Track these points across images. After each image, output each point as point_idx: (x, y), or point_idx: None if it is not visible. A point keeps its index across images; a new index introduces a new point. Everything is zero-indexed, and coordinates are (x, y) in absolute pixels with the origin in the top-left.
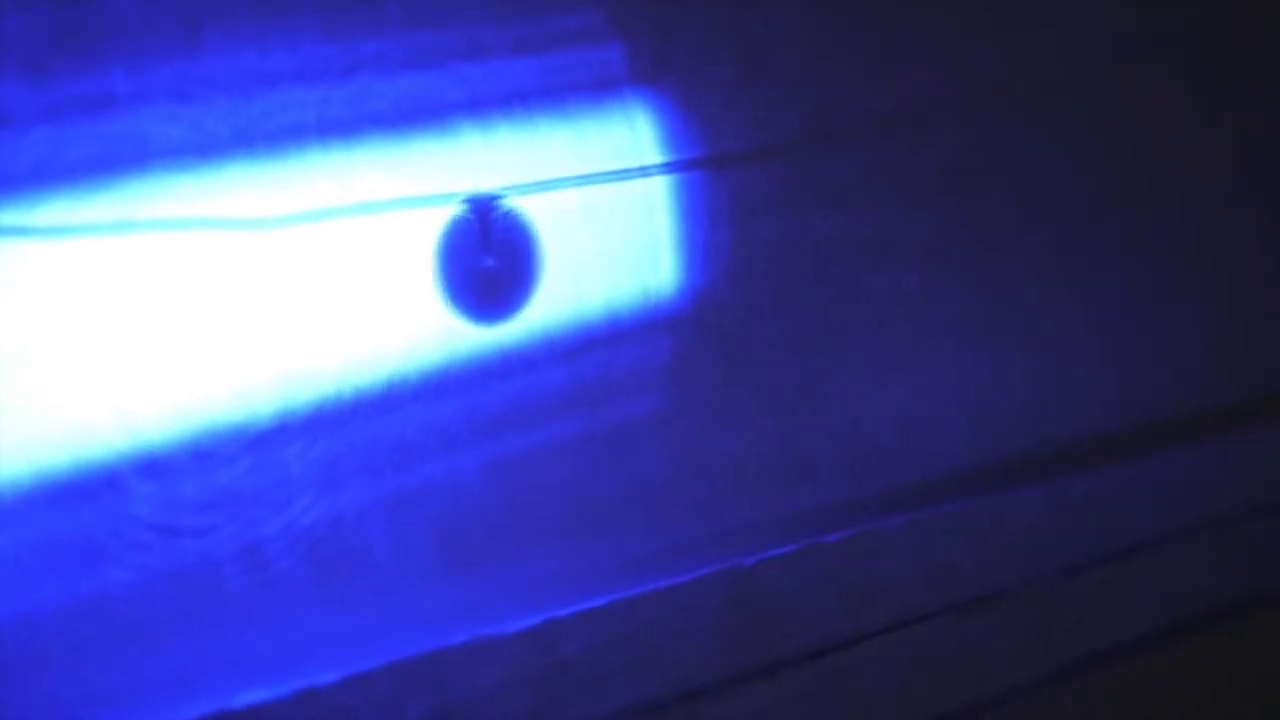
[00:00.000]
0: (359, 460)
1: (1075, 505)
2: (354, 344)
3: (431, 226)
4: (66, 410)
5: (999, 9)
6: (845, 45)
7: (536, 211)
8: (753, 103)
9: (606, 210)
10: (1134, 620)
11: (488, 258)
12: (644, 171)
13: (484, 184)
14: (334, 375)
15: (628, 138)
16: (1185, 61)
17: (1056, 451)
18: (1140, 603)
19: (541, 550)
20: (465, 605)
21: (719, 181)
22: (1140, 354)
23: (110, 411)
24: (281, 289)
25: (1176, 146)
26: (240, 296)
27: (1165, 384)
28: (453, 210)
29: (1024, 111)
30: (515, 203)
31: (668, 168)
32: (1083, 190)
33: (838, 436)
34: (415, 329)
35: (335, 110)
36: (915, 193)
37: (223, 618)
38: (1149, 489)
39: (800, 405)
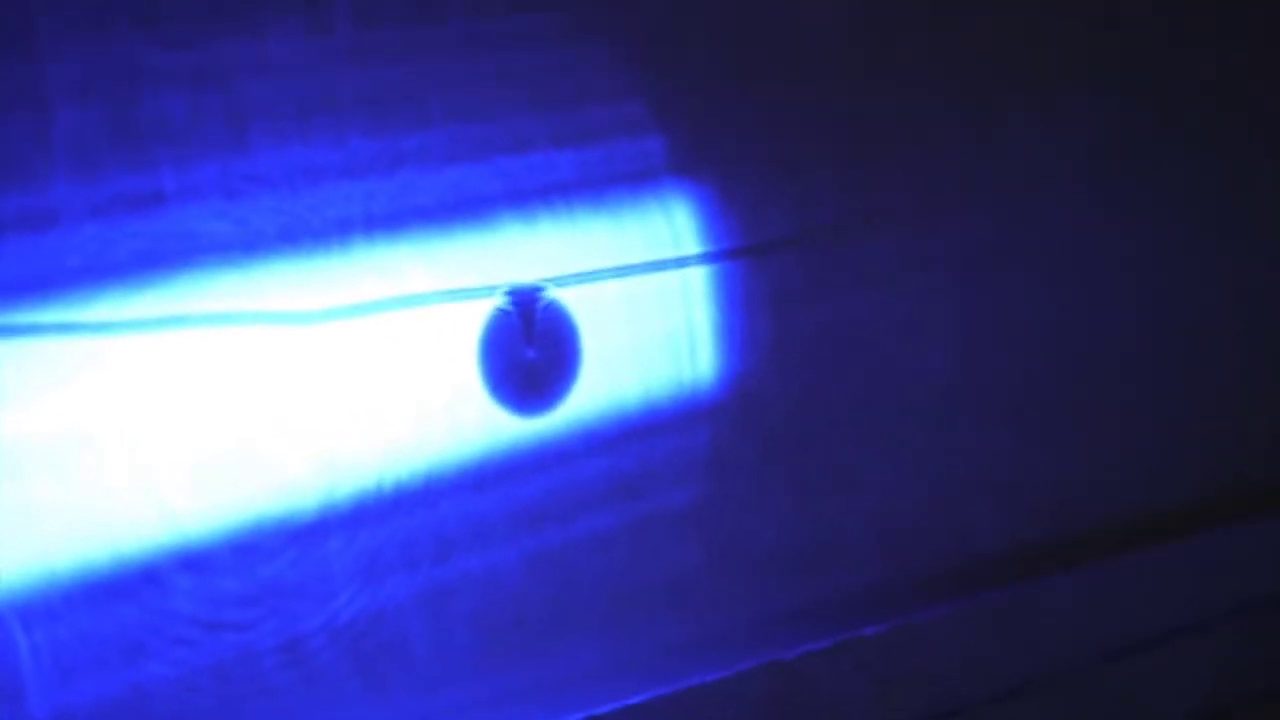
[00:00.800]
0: (399, 553)
1: (1109, 590)
2: (395, 437)
3: (474, 319)
4: (108, 505)
5: (1033, 93)
6: (879, 134)
7: (576, 303)
8: (789, 192)
9: (645, 300)
10: (1172, 708)
11: (529, 349)
12: (682, 262)
13: (525, 276)
14: (375, 468)
15: (666, 228)
16: (1202, 146)
17: (1089, 534)
18: (1178, 690)
19: (580, 642)
20: (504, 698)
21: (756, 270)
22: (1172, 435)
23: (152, 506)
24: (325, 383)
25: (1196, 228)
26: (284, 390)
27: (1198, 466)
28: (495, 302)
29: (1052, 195)
30: (556, 294)
31: (706, 258)
32: (1109, 273)
33: (870, 520)
34: (456, 421)
35: (380, 204)
36: (946, 275)
37: (264, 712)
38: (1185, 572)
39: (833, 490)
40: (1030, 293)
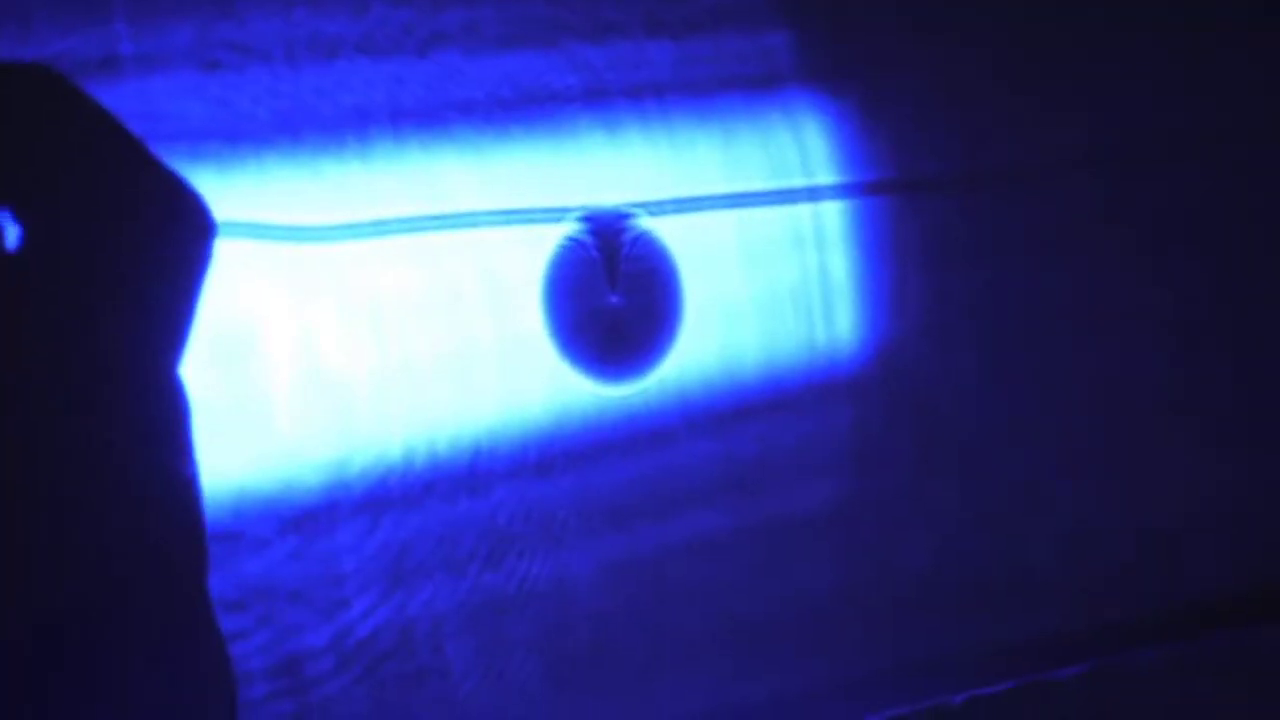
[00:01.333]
0: (434, 552)
1: None
2: (431, 398)
3: (539, 251)
4: None
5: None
6: (1075, 57)
7: (676, 237)
8: (955, 119)
9: (766, 239)
10: None
11: (612, 294)
12: (814, 193)
13: (608, 198)
14: (403, 437)
15: (794, 149)
16: None
17: None
18: None
19: (676, 680)
20: None
21: (910, 212)
22: None
23: None
24: (337, 321)
25: None
26: (281, 328)
27: None
28: (567, 230)
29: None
30: (648, 224)
31: (845, 190)
32: None
33: (1061, 548)
34: (514, 383)
35: (412, 94)
36: (1152, 242)
37: None
38: None
39: (1015, 506)
40: (1269, 265)
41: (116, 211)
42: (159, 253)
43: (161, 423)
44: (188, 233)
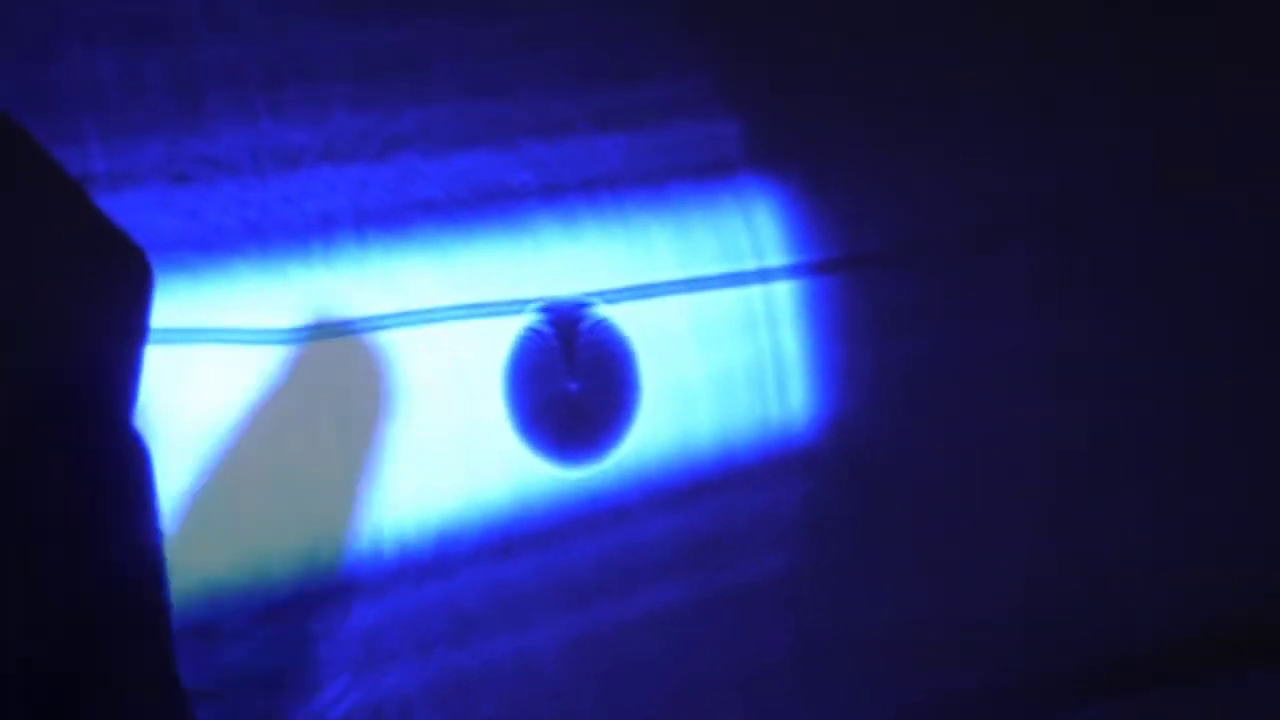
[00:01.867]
0: (404, 635)
1: None
2: (398, 487)
3: (499, 341)
4: None
5: (1194, 88)
6: (1008, 125)
7: (632, 324)
8: (897, 195)
9: (719, 322)
10: None
11: (570, 380)
12: (765, 275)
13: (565, 289)
14: (372, 527)
15: (744, 234)
16: None
17: None
18: None
19: None
20: None
21: (855, 288)
22: None
23: None
24: (305, 416)
25: None
26: (253, 427)
27: None
28: (526, 321)
29: (1218, 196)
30: (604, 312)
31: (793, 271)
32: None
33: (1012, 604)
34: (477, 469)
35: (373, 196)
36: (1098, 298)
37: None
38: None
39: (962, 564)
40: (1206, 323)
41: (54, 256)
42: (99, 296)
43: (121, 473)
44: (126, 276)
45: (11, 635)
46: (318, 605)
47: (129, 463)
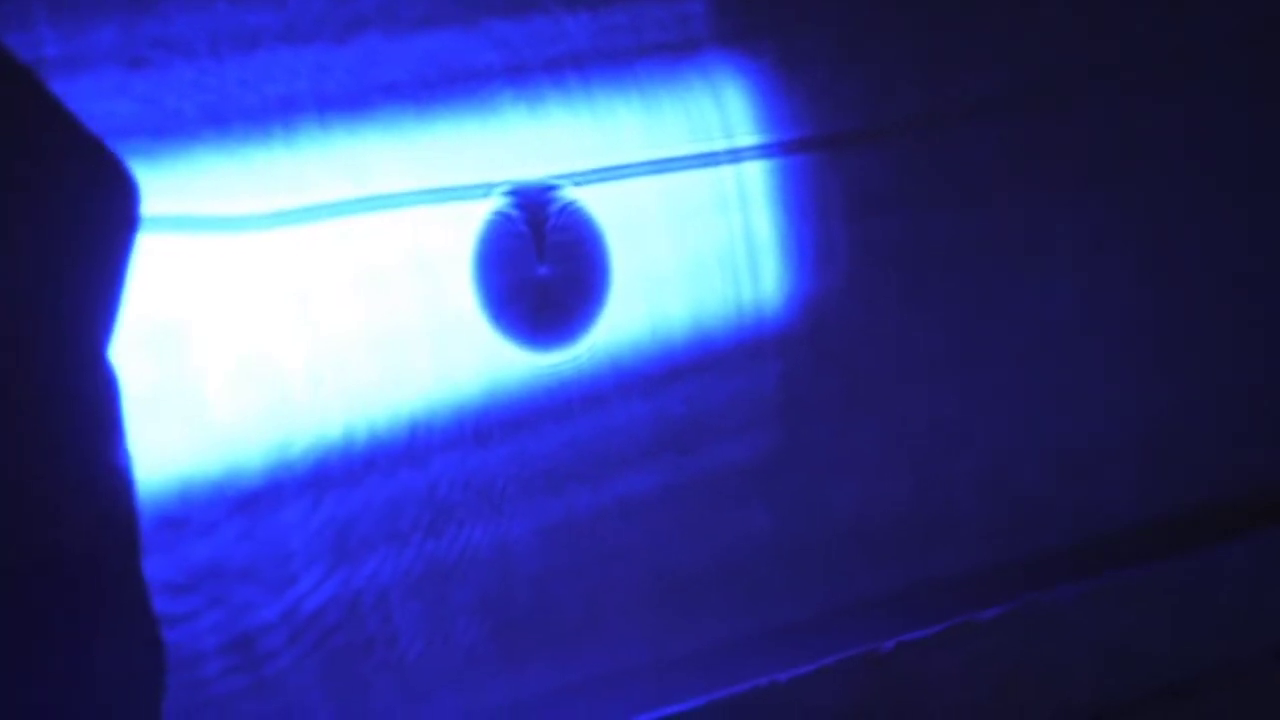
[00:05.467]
0: (377, 525)
1: None
2: (367, 376)
3: (466, 226)
4: None
5: None
6: (980, 9)
7: (601, 205)
8: (871, 71)
9: (689, 203)
10: None
11: (540, 265)
12: (735, 155)
13: (532, 172)
14: (341, 416)
15: (714, 113)
16: None
17: (1260, 499)
18: None
19: (614, 638)
20: (520, 709)
21: (830, 168)
22: None
23: None
24: (271, 307)
25: None
26: (216, 317)
27: None
28: (493, 205)
29: (1193, 80)
30: (573, 195)
31: (765, 151)
32: (1272, 168)
33: (984, 485)
34: (448, 356)
35: (335, 79)
36: (1071, 178)
37: None
38: None
39: (938, 447)
40: (1180, 198)
41: (38, 175)
42: (84, 218)
43: (92, 403)
44: (112, 196)
45: None
46: (290, 496)
47: (103, 391)
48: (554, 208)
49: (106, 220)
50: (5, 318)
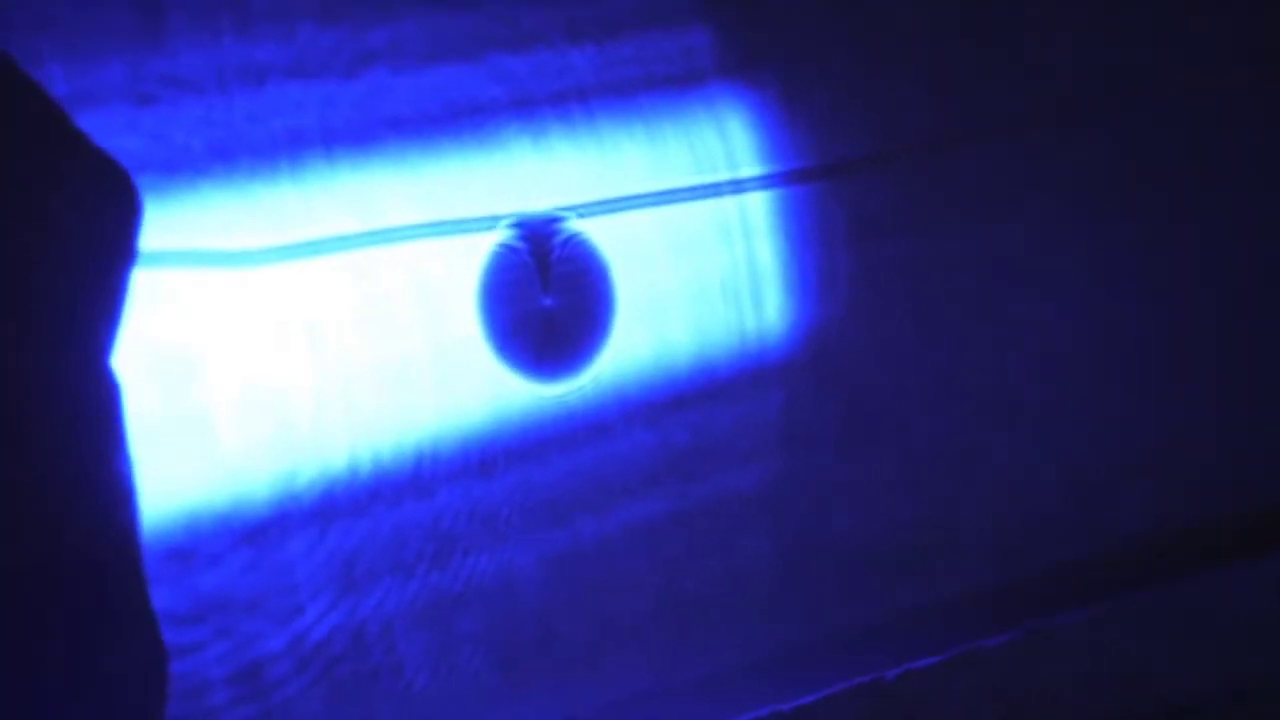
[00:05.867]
0: (383, 555)
1: None
2: (374, 407)
3: (472, 258)
4: None
5: None
6: (980, 33)
7: (605, 237)
8: (871, 100)
9: (693, 234)
10: None
11: (545, 296)
12: (738, 186)
13: (537, 204)
14: (347, 447)
15: (718, 145)
16: None
17: (1270, 520)
18: None
19: (619, 666)
20: None
21: (832, 196)
22: None
23: None
24: (278, 338)
25: None
26: (224, 350)
27: None
28: (498, 237)
29: (1199, 100)
30: (578, 226)
31: (768, 181)
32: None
33: (989, 510)
34: (453, 387)
35: (341, 114)
36: (1073, 202)
37: None
38: None
39: (942, 472)
40: (1187, 223)
41: (40, 180)
42: (86, 224)
43: (93, 409)
44: (115, 202)
45: None
46: (296, 527)
47: (105, 398)
48: (559, 239)
49: (109, 226)
50: (7, 322)
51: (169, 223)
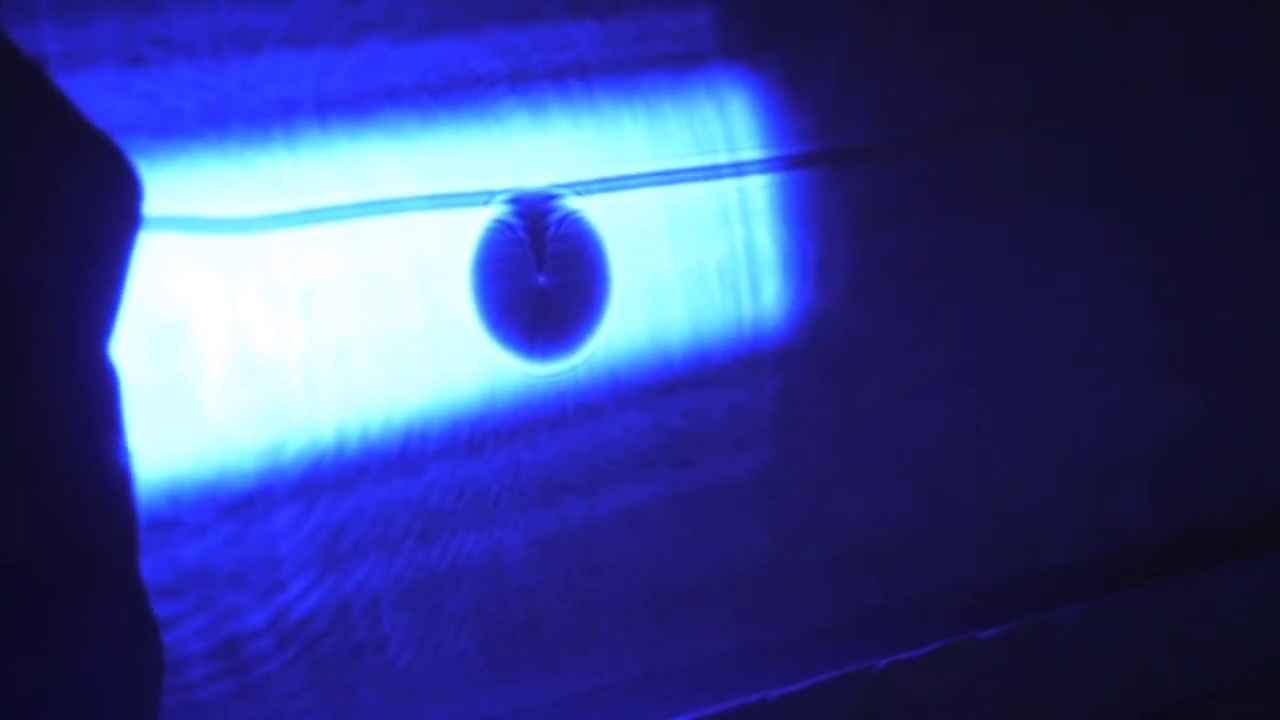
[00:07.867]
0: (369, 532)
1: None
2: (364, 381)
3: (466, 233)
4: None
5: None
6: (988, 21)
7: (602, 216)
8: (877, 86)
9: (692, 216)
10: None
11: (539, 274)
12: (739, 169)
13: (533, 180)
14: (335, 421)
15: (718, 125)
16: None
17: (1271, 518)
18: None
19: (605, 651)
20: None
21: (833, 182)
22: None
23: None
24: (269, 308)
25: None
26: (213, 319)
27: None
28: (493, 213)
29: (1206, 96)
30: (574, 204)
31: (769, 164)
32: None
33: (986, 501)
34: (445, 363)
35: (337, 83)
36: (1076, 193)
37: None
38: None
39: (939, 462)
40: (1194, 212)
41: (40, 166)
42: (86, 211)
43: (92, 398)
44: (116, 189)
45: None
46: (282, 501)
47: (100, 385)
48: (555, 217)
49: (110, 214)
50: (5, 310)
51: (158, 186)
